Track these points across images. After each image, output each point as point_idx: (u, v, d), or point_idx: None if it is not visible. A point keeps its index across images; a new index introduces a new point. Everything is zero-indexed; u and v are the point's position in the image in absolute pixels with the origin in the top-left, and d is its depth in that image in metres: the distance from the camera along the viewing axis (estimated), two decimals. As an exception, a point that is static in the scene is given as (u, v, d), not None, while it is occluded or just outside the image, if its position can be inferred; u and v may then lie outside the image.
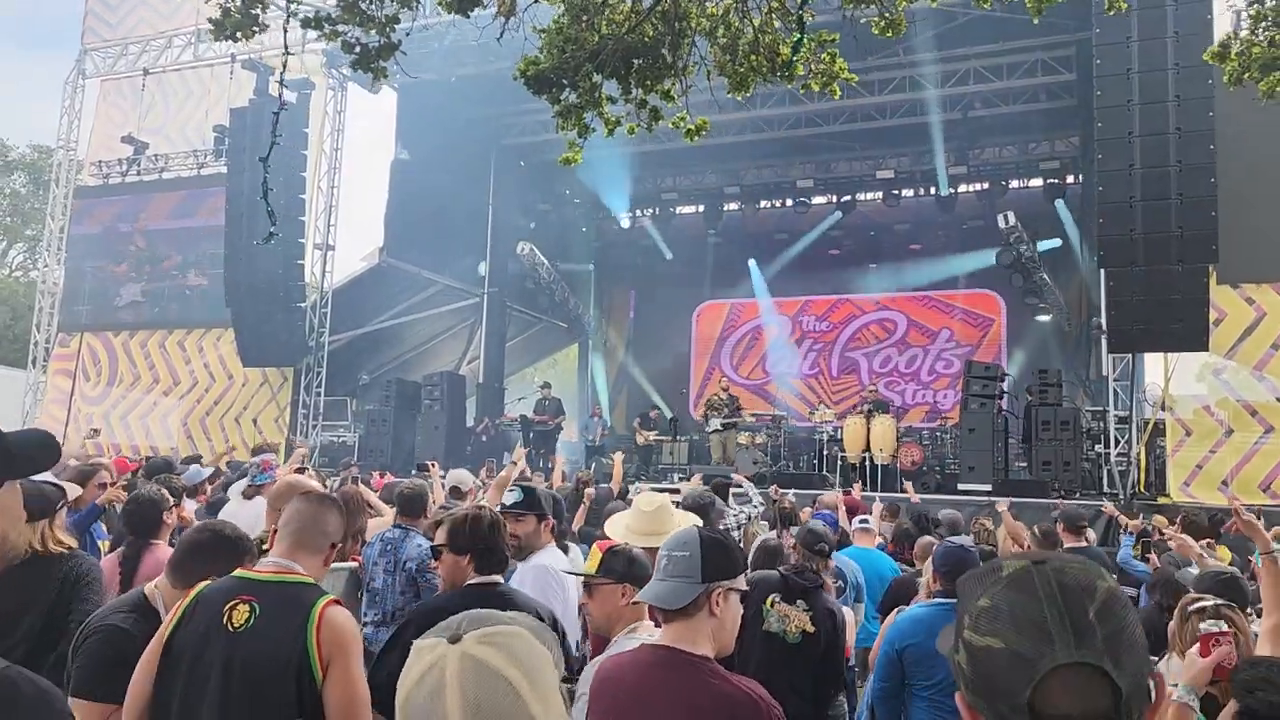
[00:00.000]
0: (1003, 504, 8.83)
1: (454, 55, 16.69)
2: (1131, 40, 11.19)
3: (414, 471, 10.25)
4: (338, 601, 2.57)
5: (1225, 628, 2.27)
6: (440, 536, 3.06)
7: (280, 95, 8.11)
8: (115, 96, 19.81)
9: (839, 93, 5.36)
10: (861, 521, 6.52)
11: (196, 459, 9.34)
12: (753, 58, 4.82)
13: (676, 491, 11.03)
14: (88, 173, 19.94)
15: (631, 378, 24.70)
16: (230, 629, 2.42)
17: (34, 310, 20.67)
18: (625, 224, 23.38)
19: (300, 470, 7.27)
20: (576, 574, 3.17)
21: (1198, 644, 2.33)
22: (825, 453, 15.73)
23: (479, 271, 20.44)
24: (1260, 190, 11.72)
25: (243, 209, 16.07)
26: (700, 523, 3.49)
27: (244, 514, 5.44)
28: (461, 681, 1.03)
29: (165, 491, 4.48)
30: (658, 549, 3.78)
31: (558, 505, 4.74)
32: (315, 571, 2.64)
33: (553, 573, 3.82)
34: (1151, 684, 0.95)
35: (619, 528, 3.79)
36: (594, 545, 3.02)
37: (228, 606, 2.45)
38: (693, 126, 5.27)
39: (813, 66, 4.94)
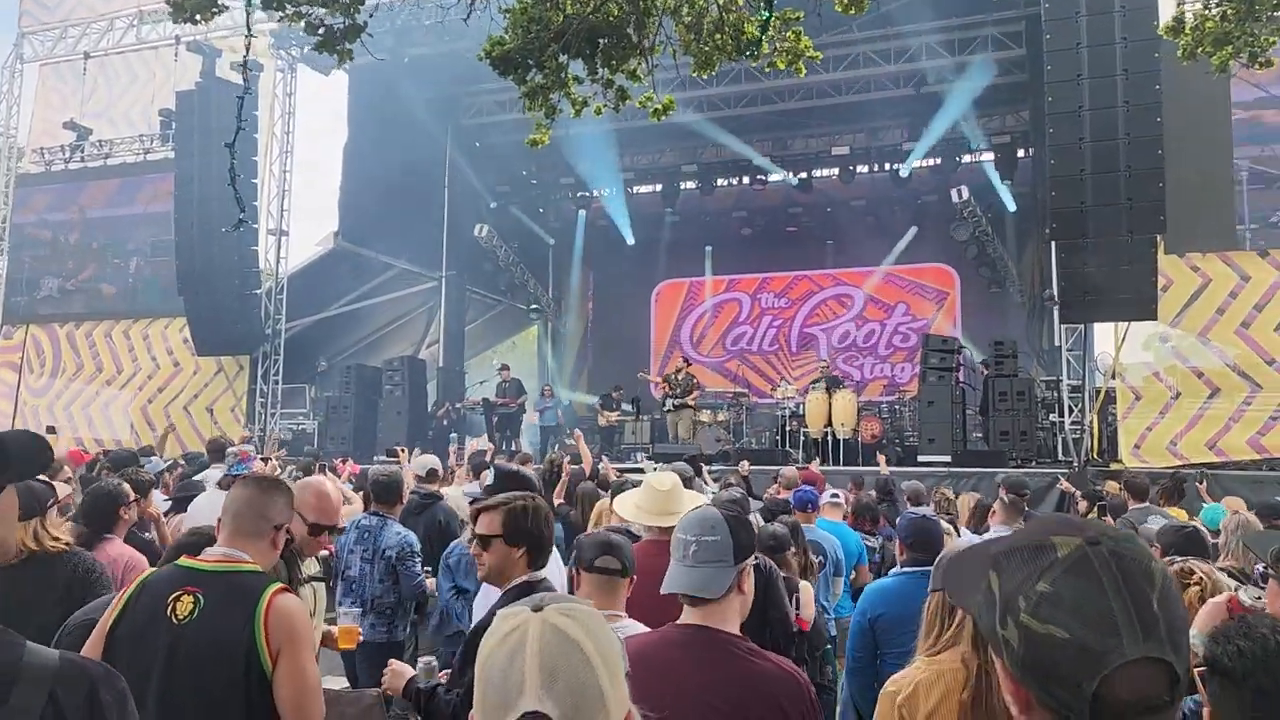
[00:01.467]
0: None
1: (406, 35, 16.47)
2: (1080, 15, 11.36)
3: (382, 457, 10.21)
4: (286, 589, 2.51)
5: (1263, 601, 2.30)
6: (490, 525, 2.83)
7: (245, 77, 7.94)
8: (55, 81, 19.30)
9: (804, 70, 5.41)
10: (832, 496, 6.62)
11: (149, 451, 9.22)
12: (718, 36, 4.84)
13: (641, 472, 11.08)
14: (29, 160, 19.42)
15: (592, 359, 24.72)
16: (174, 620, 2.36)
17: (-24, 302, 20.13)
18: (583, 204, 23.24)
19: (265, 460, 7.24)
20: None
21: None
22: (788, 428, 15.89)
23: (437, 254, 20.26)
24: (1204, 161, 12.02)
25: (192, 194, 15.76)
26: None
27: (220, 505, 5.39)
28: (541, 645, 1.07)
29: (126, 485, 4.42)
30: (670, 528, 3.84)
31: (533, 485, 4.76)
32: (264, 557, 2.58)
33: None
34: None
35: (629, 507, 3.80)
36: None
37: (171, 598, 2.39)
38: (659, 106, 5.28)
39: (778, 45, 4.96)
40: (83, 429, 17.70)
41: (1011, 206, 19.48)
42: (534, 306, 23.45)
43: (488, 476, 7.73)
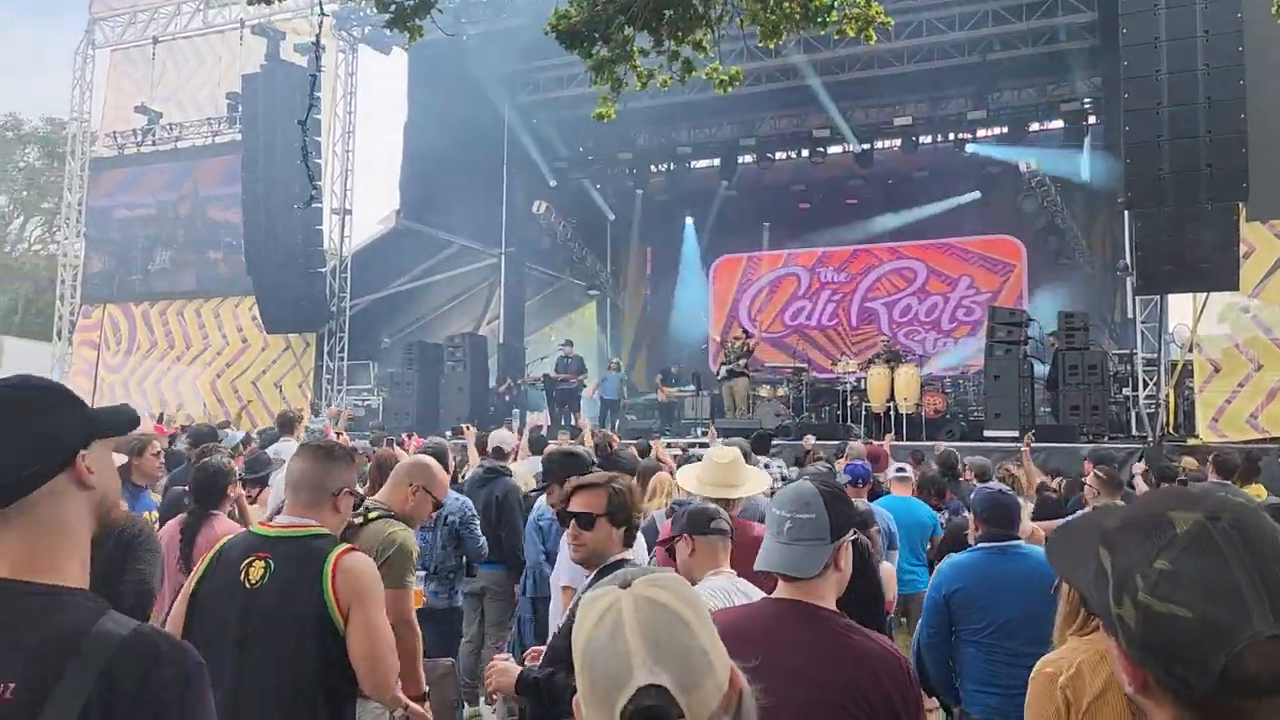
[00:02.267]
0: (1025, 443, 8.86)
1: (465, 12, 16.53)
2: (1158, -25, 10.96)
3: (448, 435, 10.36)
4: (353, 548, 2.60)
5: None
6: (593, 504, 2.81)
7: (317, 55, 8.02)
8: (126, 66, 19.74)
9: (874, 37, 5.29)
10: (899, 470, 6.54)
11: (225, 425, 9.44)
12: (786, 4, 4.75)
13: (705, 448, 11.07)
14: (102, 144, 19.93)
15: (649, 334, 24.70)
16: (247, 585, 2.45)
17: (55, 283, 20.79)
18: (641, 180, 23.16)
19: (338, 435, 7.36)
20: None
21: None
22: (849, 403, 15.73)
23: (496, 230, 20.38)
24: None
25: (259, 175, 16.04)
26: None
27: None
28: (639, 619, 1.06)
29: (233, 464, 4.56)
30: (727, 499, 3.84)
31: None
32: (329, 521, 2.64)
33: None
34: None
35: (690, 479, 3.80)
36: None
37: (244, 564, 2.49)
38: (725, 77, 5.21)
39: (847, 11, 4.85)
40: (155, 405, 18.23)
41: (1083, 175, 18.93)
42: (593, 285, 23.53)
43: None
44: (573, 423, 16.55)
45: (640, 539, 3.99)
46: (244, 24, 17.44)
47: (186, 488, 4.53)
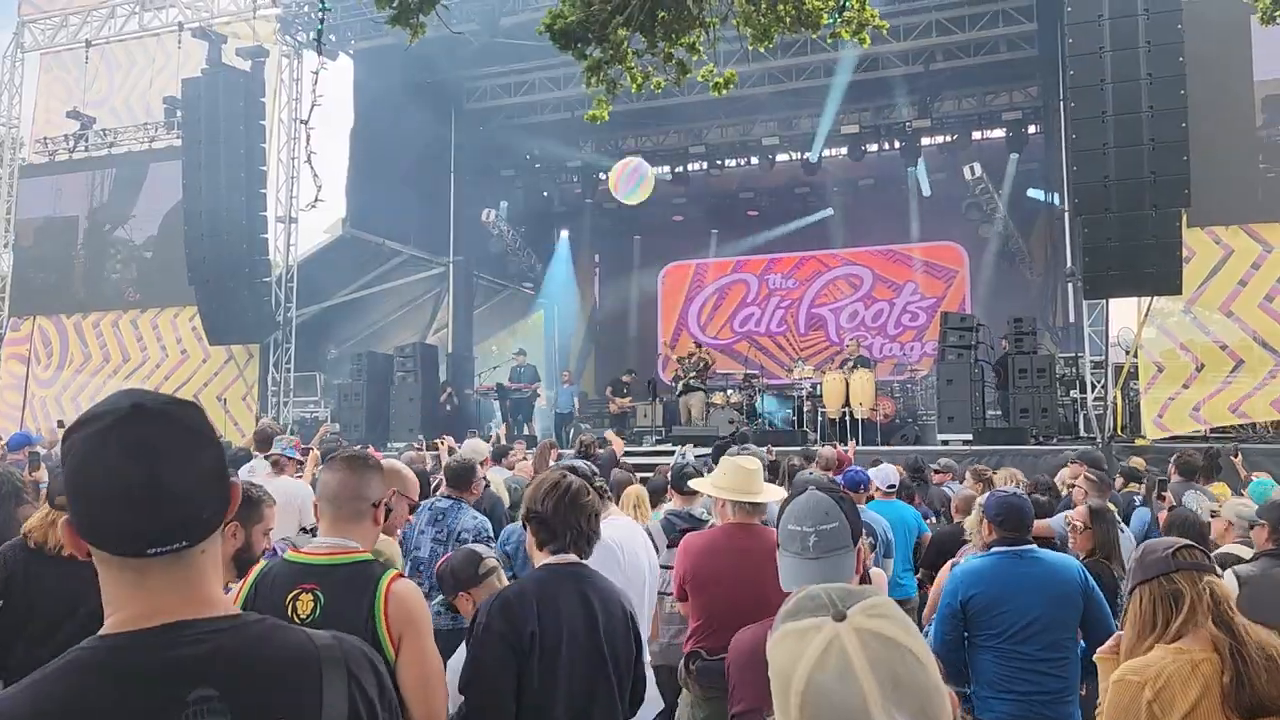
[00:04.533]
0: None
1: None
2: (1102, -14, 11.27)
3: (416, 446, 10.17)
4: (401, 575, 2.48)
5: None
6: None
7: (319, 53, 7.78)
8: (57, 70, 19.07)
9: (868, 41, 5.32)
10: (881, 476, 6.56)
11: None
12: (780, 7, 4.75)
13: (669, 455, 11.03)
14: (31, 150, 19.23)
15: (600, 343, 24.66)
16: (297, 621, 2.30)
17: (-18, 295, 19.99)
18: (590, 187, 23.12)
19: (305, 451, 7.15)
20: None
21: None
22: (803, 409, 15.84)
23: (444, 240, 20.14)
24: (1227, 133, 11.94)
25: (200, 182, 15.60)
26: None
27: (289, 490, 5.32)
28: (870, 657, 0.98)
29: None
30: (741, 503, 3.77)
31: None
32: (367, 538, 2.54)
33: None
34: None
35: (708, 486, 3.73)
36: None
37: (290, 597, 2.35)
38: (721, 80, 5.19)
39: (840, 15, 4.87)
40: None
41: (1021, 183, 19.38)
42: (535, 291, 23.41)
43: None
44: (525, 432, 16.42)
45: (646, 545, 3.94)
46: (182, 27, 17.00)
47: None
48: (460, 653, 2.77)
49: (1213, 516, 5.08)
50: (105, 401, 1.24)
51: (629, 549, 3.58)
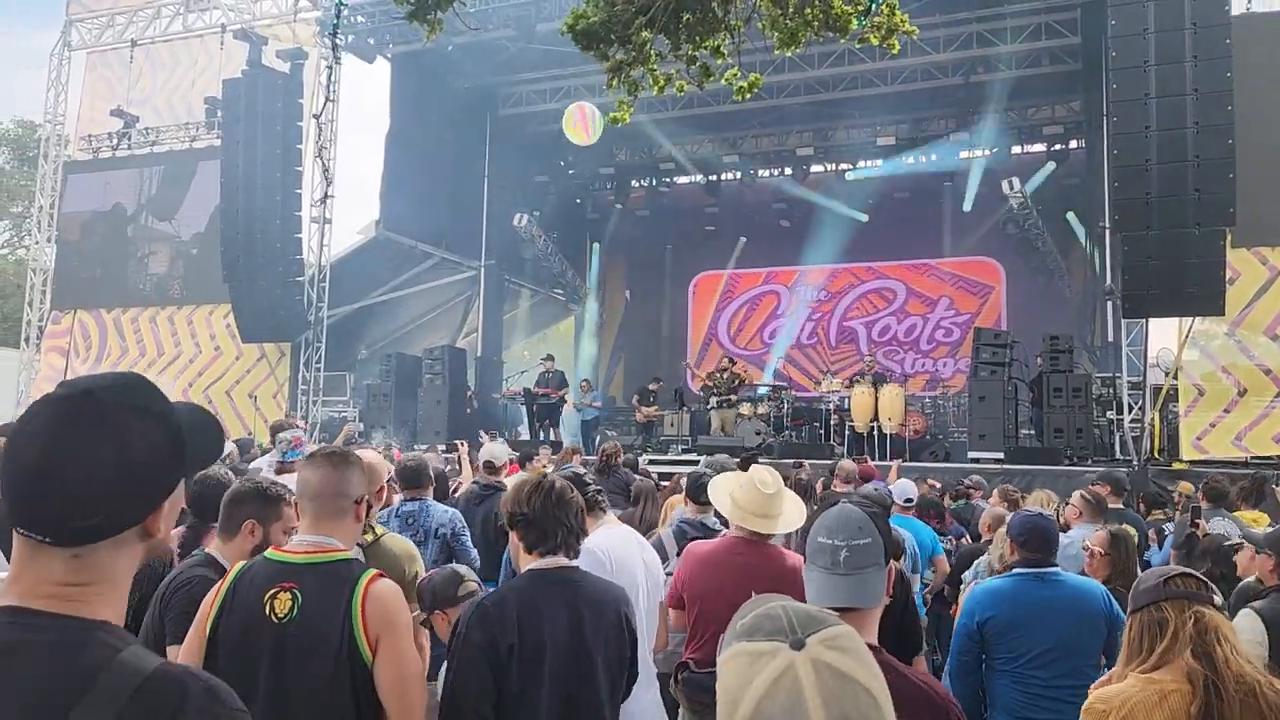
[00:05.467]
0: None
1: (449, 23, 16.26)
2: (1148, 0, 11.03)
3: (441, 449, 10.17)
4: (382, 574, 2.42)
5: None
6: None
7: (333, 47, 7.74)
8: (102, 69, 19.39)
9: (897, 47, 5.20)
10: (901, 491, 6.42)
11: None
12: (807, 11, 4.65)
13: (690, 465, 10.92)
14: (76, 147, 19.55)
15: (628, 351, 24.60)
16: (275, 620, 2.27)
17: (23, 288, 20.33)
18: (622, 195, 23.10)
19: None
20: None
21: None
22: (831, 422, 15.66)
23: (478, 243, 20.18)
24: (1276, 151, 11.64)
25: (238, 182, 15.77)
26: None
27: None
28: (823, 694, 0.91)
29: (232, 475, 4.37)
30: (762, 532, 3.65)
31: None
32: (349, 535, 2.50)
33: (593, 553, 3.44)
34: None
35: (723, 498, 3.60)
36: None
37: (268, 595, 2.30)
38: (745, 84, 5.10)
39: (869, 20, 4.76)
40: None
41: (1061, 199, 19.07)
42: (572, 299, 23.40)
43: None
44: (552, 437, 16.37)
45: (645, 554, 3.83)
46: (225, 29, 17.19)
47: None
48: None
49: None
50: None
51: (619, 557, 3.46)
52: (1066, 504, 7.01)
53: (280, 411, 16.62)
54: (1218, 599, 2.27)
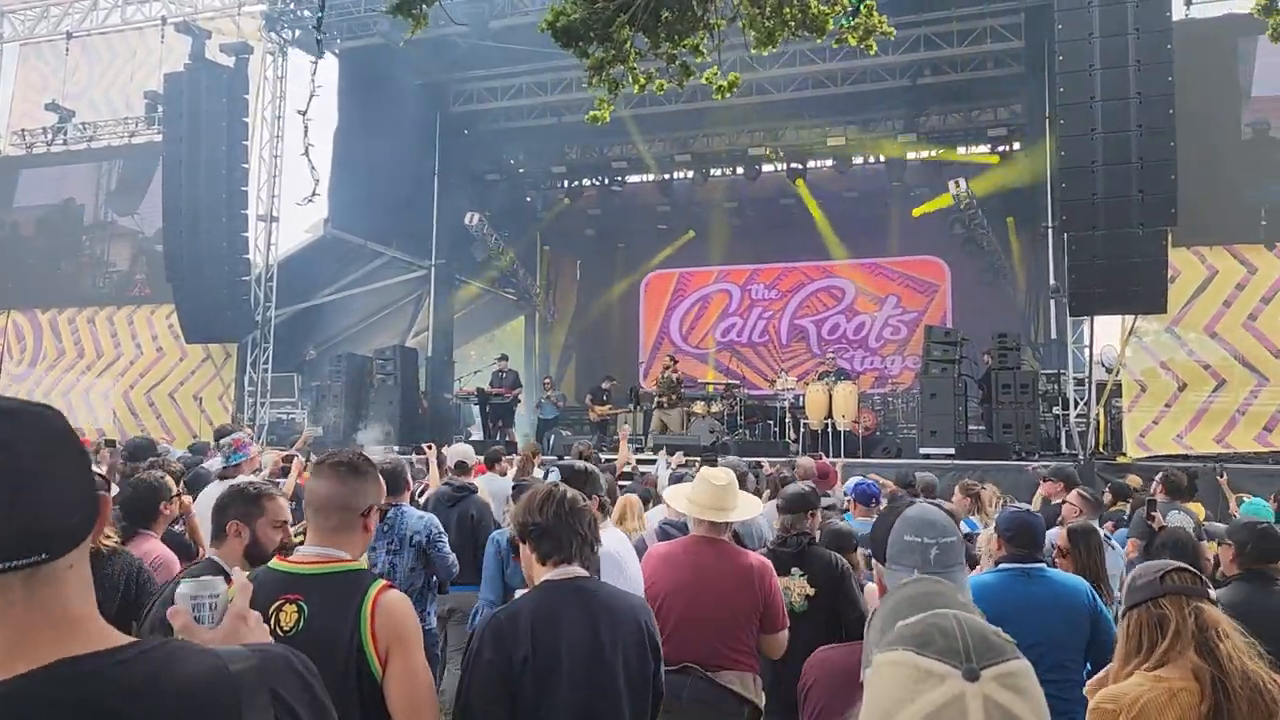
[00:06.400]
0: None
1: (400, 19, 16.10)
2: (1093, 5, 11.29)
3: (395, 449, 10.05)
4: (391, 585, 2.36)
5: None
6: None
7: (319, 41, 7.56)
8: (36, 61, 18.80)
9: (875, 48, 5.27)
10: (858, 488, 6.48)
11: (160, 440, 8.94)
12: (785, 11, 4.68)
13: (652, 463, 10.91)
14: (8, 142, 18.91)
15: (580, 350, 24.56)
16: (280, 632, 2.20)
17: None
18: (574, 193, 23.03)
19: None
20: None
21: None
22: (784, 420, 15.81)
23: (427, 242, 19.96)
24: (1213, 153, 12.02)
25: (181, 179, 15.39)
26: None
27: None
28: None
29: (169, 479, 4.25)
30: (718, 523, 3.73)
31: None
32: (357, 547, 2.42)
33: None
34: None
35: (680, 500, 3.66)
36: None
37: (274, 607, 2.23)
38: (724, 83, 5.11)
39: (850, 20, 4.81)
40: (73, 418, 17.26)
41: (1004, 200, 19.46)
42: (518, 297, 23.27)
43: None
44: (506, 439, 16.27)
45: (630, 556, 3.84)
46: (165, 21, 16.78)
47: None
48: None
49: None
50: None
51: (627, 558, 3.49)
52: (1009, 500, 7.19)
53: (227, 414, 16.28)
54: (1212, 593, 2.30)
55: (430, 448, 7.45)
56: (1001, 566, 3.51)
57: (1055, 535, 4.23)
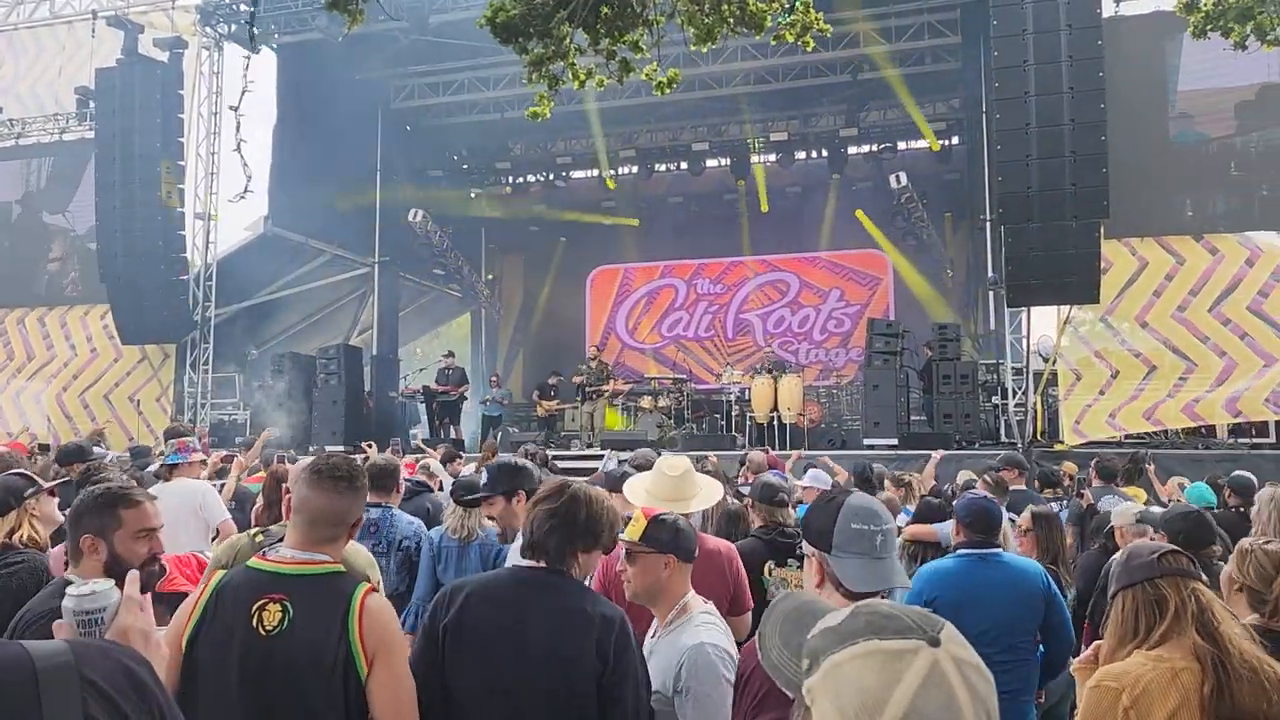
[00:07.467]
0: (936, 455, 9.24)
1: (337, 14, 15.88)
2: (1026, 2, 11.55)
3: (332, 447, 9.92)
4: (374, 588, 2.35)
5: None
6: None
7: (251, 37, 7.44)
8: (-40, 55, 18.20)
9: (812, 44, 5.34)
10: (814, 479, 6.56)
11: (97, 442, 8.73)
12: (723, 8, 4.73)
13: (597, 460, 10.91)
14: (-70, 138, 18.29)
15: (526, 346, 24.48)
16: (262, 632, 2.18)
17: None
18: (519, 189, 22.94)
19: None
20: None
21: None
22: (731, 413, 15.93)
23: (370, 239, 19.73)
24: (1143, 147, 12.37)
25: (114, 176, 15.02)
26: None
27: (166, 497, 5.05)
28: (969, 691, 0.95)
29: (135, 483, 4.16)
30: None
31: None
32: (339, 552, 2.40)
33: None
34: None
35: (638, 492, 3.66)
36: (638, 510, 2.87)
37: (256, 606, 2.21)
38: (664, 79, 5.14)
39: (787, 16, 4.87)
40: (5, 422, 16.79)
41: (944, 193, 19.83)
42: (462, 293, 23.12)
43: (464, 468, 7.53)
44: (451, 435, 16.16)
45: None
46: (96, 15, 16.34)
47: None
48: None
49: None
50: None
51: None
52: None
53: (166, 416, 15.95)
54: (1204, 576, 2.35)
55: (370, 446, 7.36)
56: (960, 552, 3.61)
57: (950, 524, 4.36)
